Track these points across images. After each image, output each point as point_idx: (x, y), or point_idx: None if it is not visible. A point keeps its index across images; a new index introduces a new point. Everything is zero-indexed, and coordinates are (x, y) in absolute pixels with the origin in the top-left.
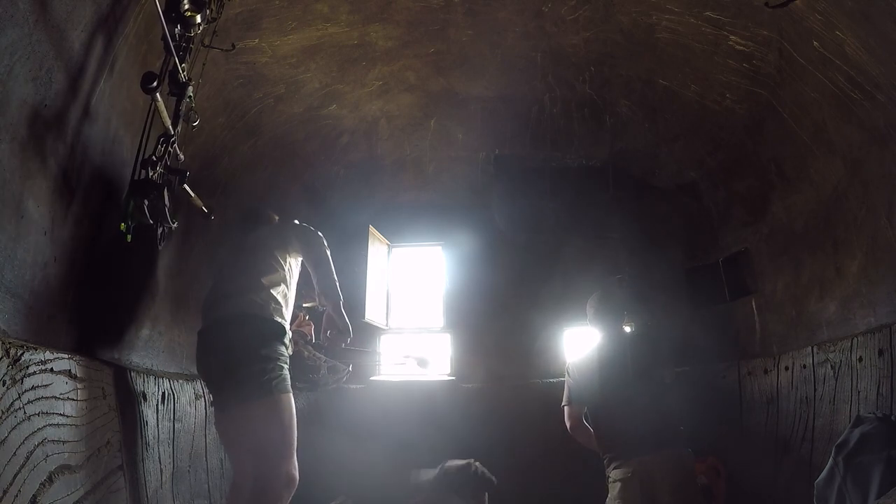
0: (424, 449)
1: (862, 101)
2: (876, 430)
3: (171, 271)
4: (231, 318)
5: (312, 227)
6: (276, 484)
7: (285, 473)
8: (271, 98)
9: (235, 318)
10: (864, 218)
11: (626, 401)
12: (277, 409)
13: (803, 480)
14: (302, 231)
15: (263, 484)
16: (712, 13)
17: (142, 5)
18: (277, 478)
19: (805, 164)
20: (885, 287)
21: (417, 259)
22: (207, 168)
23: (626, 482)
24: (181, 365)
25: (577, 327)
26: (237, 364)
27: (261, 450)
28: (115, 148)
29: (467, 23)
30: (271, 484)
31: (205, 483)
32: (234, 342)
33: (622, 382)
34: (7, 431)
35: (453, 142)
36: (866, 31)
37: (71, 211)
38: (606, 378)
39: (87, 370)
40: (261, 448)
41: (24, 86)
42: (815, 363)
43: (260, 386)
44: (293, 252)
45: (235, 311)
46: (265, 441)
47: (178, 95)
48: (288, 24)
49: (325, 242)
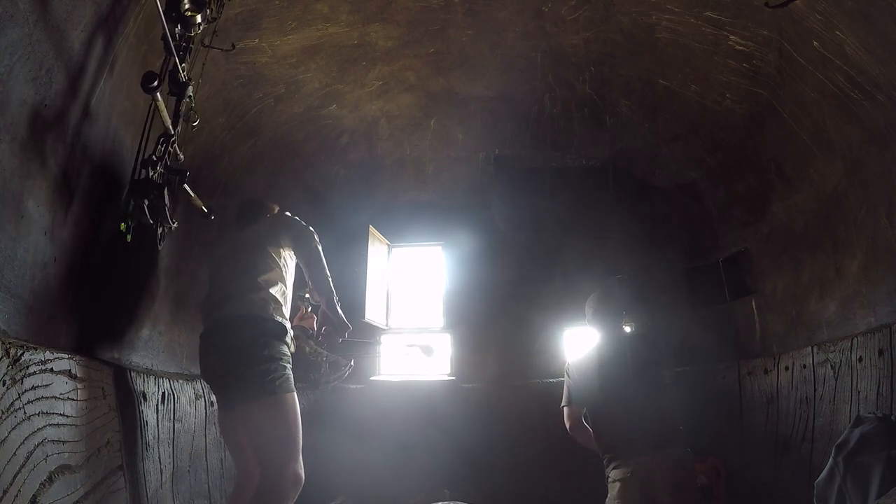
0: (424, 449)
1: (862, 101)
2: (876, 430)
3: (171, 271)
4: (232, 319)
5: (303, 222)
6: (283, 483)
7: (292, 472)
8: (271, 98)
9: (236, 318)
10: (864, 218)
11: (626, 401)
12: (282, 409)
13: (803, 480)
14: (292, 225)
15: (270, 483)
16: (712, 13)
17: (142, 5)
18: (284, 477)
19: (805, 164)
20: (885, 287)
21: (417, 259)
22: (207, 168)
23: (626, 482)
24: (181, 365)
25: (577, 327)
26: (240, 365)
27: (267, 450)
28: (115, 148)
29: (467, 23)
30: (278, 483)
31: (205, 483)
32: (237, 343)
33: (622, 383)
34: (7, 431)
35: (453, 142)
36: (866, 31)
37: (71, 211)
38: (606, 378)
39: (87, 370)
40: (267, 448)
41: (24, 86)
42: (815, 363)
43: (263, 386)
44: (285, 247)
45: (236, 311)
46: (271, 441)
47: (178, 95)
48: (288, 24)
49: (315, 237)
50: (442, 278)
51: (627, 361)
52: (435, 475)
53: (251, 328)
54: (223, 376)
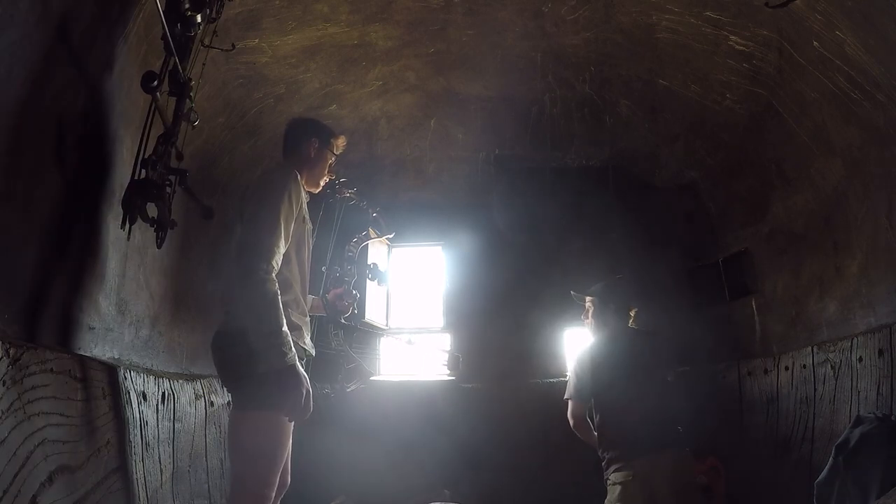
0: (424, 449)
1: (862, 101)
2: (876, 430)
3: (171, 271)
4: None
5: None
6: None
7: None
8: (271, 98)
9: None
10: (864, 218)
11: (628, 400)
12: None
13: (803, 480)
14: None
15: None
16: (712, 13)
17: (142, 5)
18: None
19: (805, 164)
20: (885, 287)
21: (417, 259)
22: (207, 168)
23: (627, 485)
24: (181, 365)
25: (577, 327)
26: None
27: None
28: (115, 148)
29: (467, 23)
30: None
31: (205, 483)
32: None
33: (623, 382)
34: (7, 431)
35: (453, 142)
36: (866, 31)
37: (71, 211)
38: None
39: (87, 370)
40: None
41: (24, 86)
42: (815, 363)
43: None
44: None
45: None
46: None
47: (178, 95)
48: (288, 24)
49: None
50: (442, 278)
51: (628, 361)
52: (435, 475)
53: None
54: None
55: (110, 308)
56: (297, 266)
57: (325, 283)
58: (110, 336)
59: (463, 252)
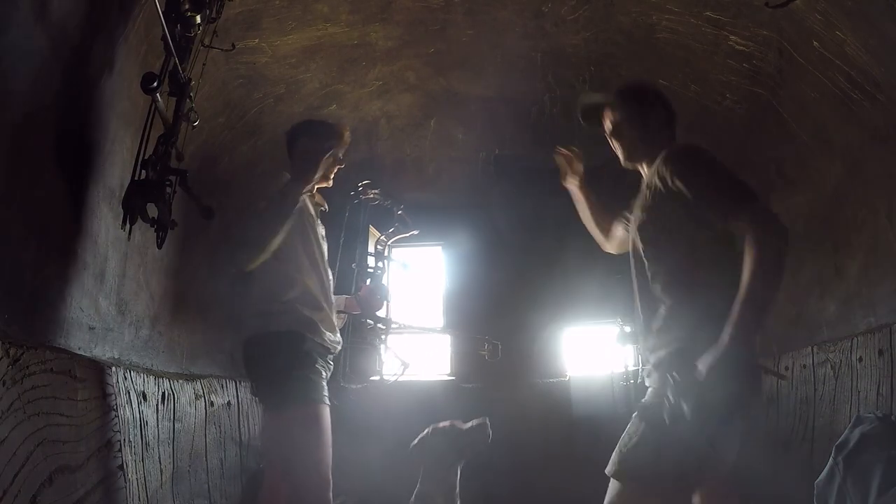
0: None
1: (862, 101)
2: (876, 430)
3: (171, 271)
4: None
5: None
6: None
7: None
8: (271, 98)
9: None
10: (864, 218)
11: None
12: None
13: (803, 480)
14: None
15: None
16: (712, 13)
17: (142, 5)
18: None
19: (805, 164)
20: (885, 287)
21: (417, 259)
22: (207, 168)
23: None
24: (181, 365)
25: (577, 327)
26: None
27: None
28: (115, 148)
29: (467, 23)
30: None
31: (205, 483)
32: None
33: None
34: (7, 431)
35: (453, 142)
36: (866, 31)
37: (71, 211)
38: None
39: (87, 370)
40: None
41: (24, 86)
42: (815, 363)
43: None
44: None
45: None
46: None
47: (178, 96)
48: (288, 24)
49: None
50: (442, 278)
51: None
52: None
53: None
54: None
55: (110, 308)
56: (306, 260)
57: (355, 281)
58: (110, 336)
59: (463, 252)
